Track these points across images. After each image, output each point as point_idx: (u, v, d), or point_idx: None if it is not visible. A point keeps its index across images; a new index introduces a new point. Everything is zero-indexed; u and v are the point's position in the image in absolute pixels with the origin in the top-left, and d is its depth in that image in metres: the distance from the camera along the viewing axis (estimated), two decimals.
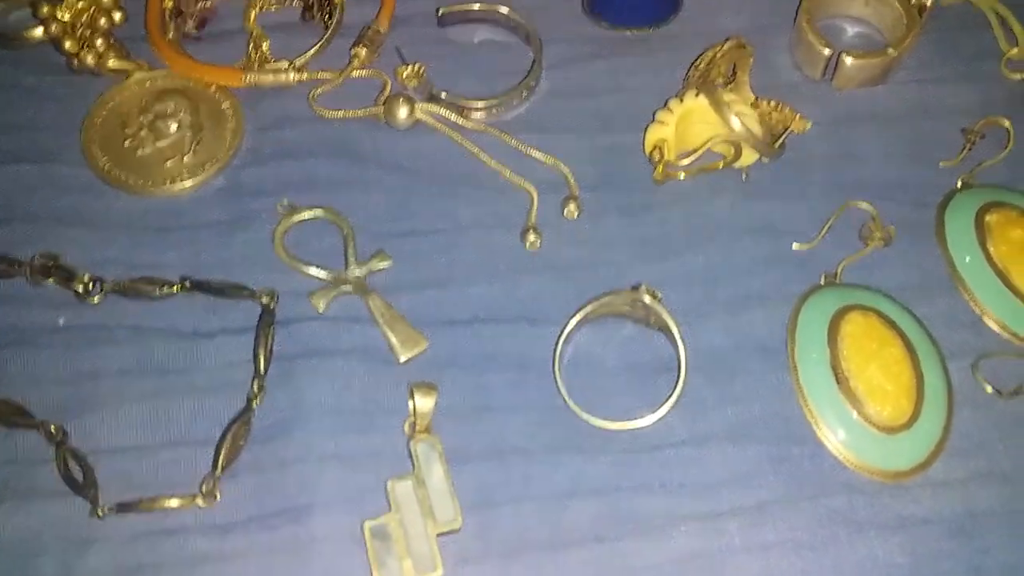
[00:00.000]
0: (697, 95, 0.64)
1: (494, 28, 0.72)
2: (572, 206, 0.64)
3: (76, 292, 0.59)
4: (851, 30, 0.73)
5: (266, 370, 0.57)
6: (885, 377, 0.57)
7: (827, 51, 0.68)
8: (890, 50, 0.68)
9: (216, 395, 0.57)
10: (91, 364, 0.58)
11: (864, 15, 0.72)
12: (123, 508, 0.53)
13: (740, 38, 0.66)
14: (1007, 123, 0.66)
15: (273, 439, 0.56)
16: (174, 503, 0.53)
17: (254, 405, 0.56)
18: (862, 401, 0.56)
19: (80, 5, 0.68)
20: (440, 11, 0.71)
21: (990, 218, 0.62)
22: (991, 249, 0.62)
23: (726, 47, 0.66)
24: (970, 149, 0.66)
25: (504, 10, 0.71)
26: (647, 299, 0.58)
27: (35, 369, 0.58)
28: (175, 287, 0.60)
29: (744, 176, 0.65)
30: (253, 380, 0.57)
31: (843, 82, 0.69)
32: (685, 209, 0.65)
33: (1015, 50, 0.70)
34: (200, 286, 0.60)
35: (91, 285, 0.60)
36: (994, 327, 0.60)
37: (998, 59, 0.70)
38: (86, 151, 0.65)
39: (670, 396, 0.56)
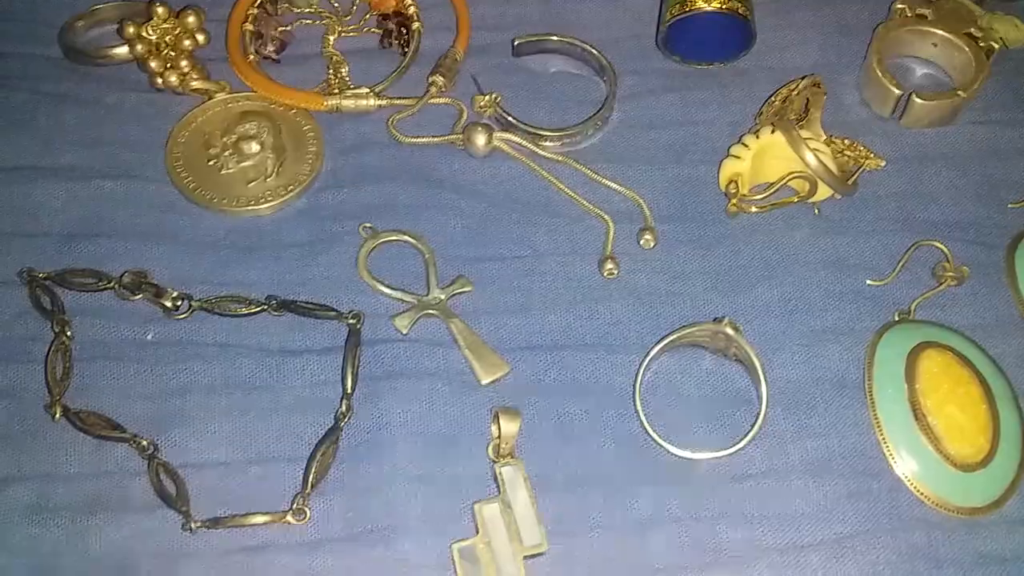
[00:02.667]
0: (773, 131, 0.65)
1: (568, 60, 0.73)
2: (648, 236, 0.65)
3: (164, 308, 0.60)
4: (919, 71, 0.74)
5: (353, 390, 0.58)
6: (962, 415, 0.57)
7: (897, 91, 0.69)
8: (960, 92, 0.69)
9: (302, 413, 0.58)
10: (180, 379, 0.59)
11: (933, 56, 0.73)
12: (214, 523, 0.54)
13: (816, 77, 0.68)
14: None
15: (360, 459, 0.57)
16: (264, 519, 0.54)
17: (342, 424, 0.57)
18: (940, 438, 0.57)
19: (165, 26, 0.69)
20: (516, 41, 0.72)
21: None
22: None
23: (802, 85, 0.67)
24: None
25: (579, 41, 0.72)
26: (730, 331, 0.59)
27: (124, 383, 0.59)
28: (262, 307, 0.60)
29: (816, 211, 0.67)
30: (341, 400, 0.58)
31: (912, 122, 0.70)
32: (759, 242, 0.66)
33: None
34: (287, 306, 0.61)
35: (179, 302, 0.61)
36: None
37: None
38: (170, 169, 0.67)
39: (752, 428, 0.57)
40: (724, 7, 0.69)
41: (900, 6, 0.73)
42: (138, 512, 0.55)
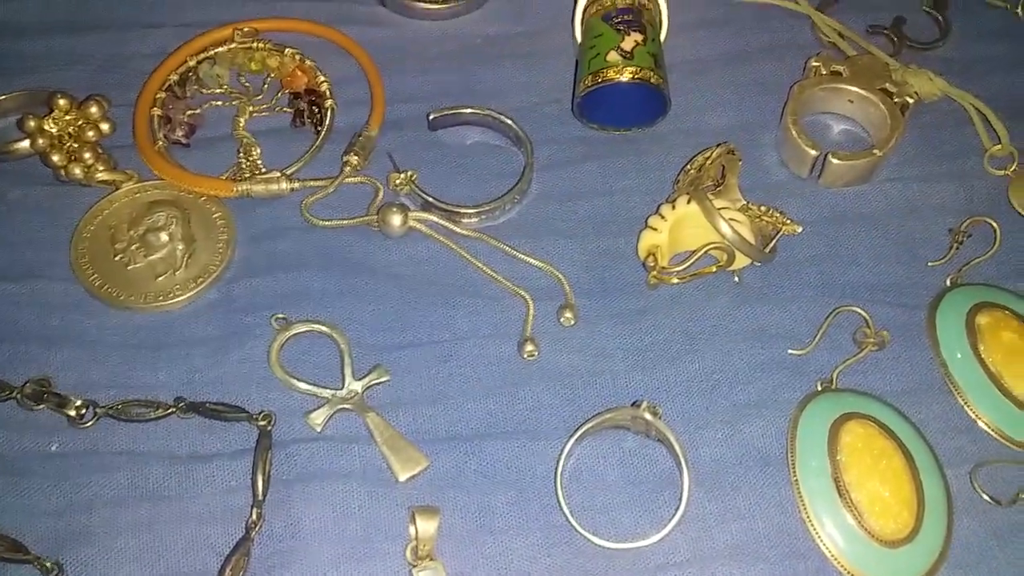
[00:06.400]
0: (689, 202, 0.65)
1: (485, 131, 0.72)
2: (569, 314, 0.64)
3: (69, 417, 0.59)
4: (837, 127, 0.74)
5: (264, 496, 0.56)
6: (886, 489, 0.57)
7: (813, 152, 0.69)
8: (876, 151, 0.69)
9: (213, 523, 0.56)
10: (85, 493, 0.57)
11: (850, 112, 0.73)
12: None
13: (729, 144, 0.67)
14: (993, 223, 0.67)
15: (273, 570, 0.55)
16: None
17: (253, 534, 0.55)
18: (864, 514, 0.56)
19: (68, 118, 0.67)
20: (431, 115, 0.71)
21: (981, 320, 0.63)
22: (983, 352, 0.62)
23: (716, 153, 0.67)
24: (957, 249, 0.67)
25: (494, 113, 0.71)
26: (648, 416, 0.58)
27: (28, 499, 0.57)
28: (171, 410, 0.59)
29: (736, 280, 0.66)
30: (252, 508, 0.56)
31: (830, 181, 0.70)
32: (679, 314, 0.65)
33: (997, 147, 0.71)
34: (196, 408, 0.59)
35: (84, 410, 0.59)
36: (989, 432, 0.61)
37: (980, 155, 0.71)
38: (75, 267, 0.65)
39: (673, 515, 0.56)
40: (636, 77, 0.68)
41: (815, 63, 0.73)
42: None
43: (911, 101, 0.71)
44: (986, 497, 0.58)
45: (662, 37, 0.73)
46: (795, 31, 0.78)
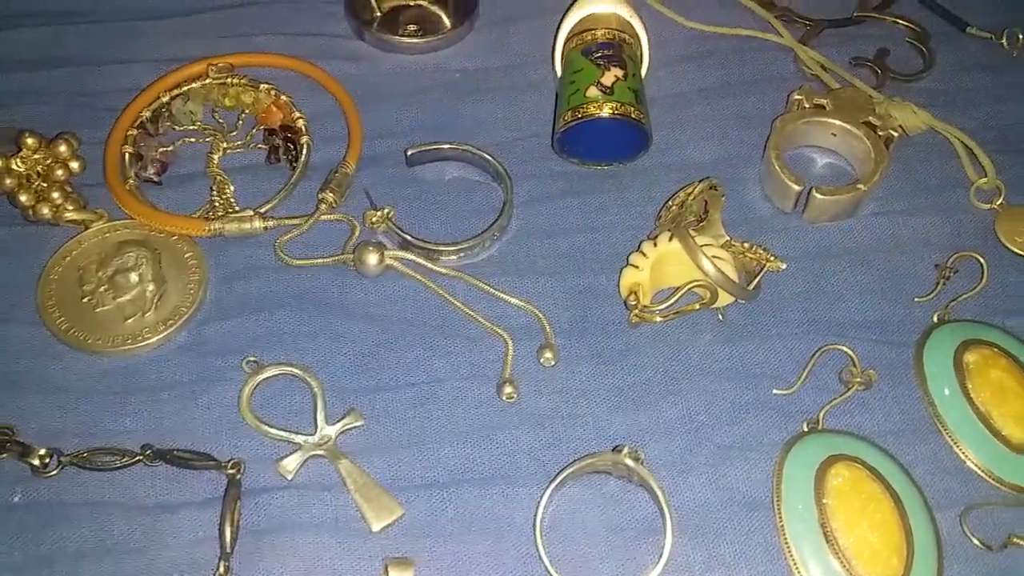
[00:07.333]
0: (670, 239, 0.63)
1: (464, 167, 0.71)
2: (549, 354, 0.63)
3: (32, 467, 0.57)
4: (820, 161, 0.73)
5: (233, 548, 0.54)
6: (874, 535, 0.55)
7: (796, 187, 0.68)
8: (860, 185, 0.68)
9: None
10: (47, 546, 0.55)
11: (833, 146, 0.72)
12: None
13: (712, 179, 0.66)
14: (980, 258, 0.66)
15: None
16: None
17: None
18: (852, 561, 0.55)
19: (36, 156, 0.66)
20: (409, 151, 0.70)
21: (969, 358, 0.62)
22: (971, 391, 0.61)
23: (698, 189, 0.66)
24: (944, 284, 0.66)
25: (473, 148, 0.70)
26: (630, 462, 0.56)
27: None
28: (137, 458, 0.57)
29: (720, 317, 0.65)
30: (219, 561, 0.54)
31: (814, 216, 0.69)
32: (662, 353, 0.63)
33: (983, 180, 0.70)
34: (163, 456, 0.57)
35: (48, 459, 0.57)
36: (978, 473, 0.59)
37: (966, 189, 0.70)
38: (42, 309, 0.63)
39: (656, 564, 0.54)
40: (616, 112, 0.67)
41: (798, 97, 0.72)
42: None
43: (895, 134, 0.70)
44: (976, 542, 0.56)
45: (643, 71, 0.72)
46: (778, 64, 0.77)
